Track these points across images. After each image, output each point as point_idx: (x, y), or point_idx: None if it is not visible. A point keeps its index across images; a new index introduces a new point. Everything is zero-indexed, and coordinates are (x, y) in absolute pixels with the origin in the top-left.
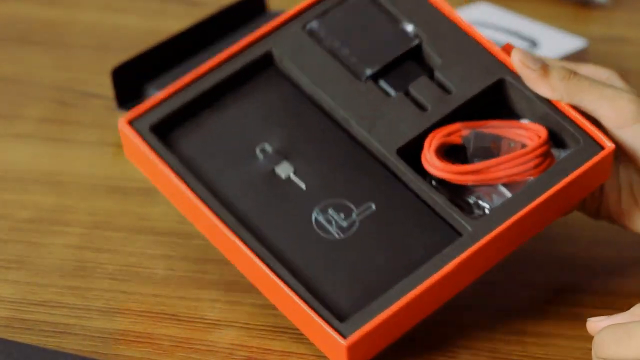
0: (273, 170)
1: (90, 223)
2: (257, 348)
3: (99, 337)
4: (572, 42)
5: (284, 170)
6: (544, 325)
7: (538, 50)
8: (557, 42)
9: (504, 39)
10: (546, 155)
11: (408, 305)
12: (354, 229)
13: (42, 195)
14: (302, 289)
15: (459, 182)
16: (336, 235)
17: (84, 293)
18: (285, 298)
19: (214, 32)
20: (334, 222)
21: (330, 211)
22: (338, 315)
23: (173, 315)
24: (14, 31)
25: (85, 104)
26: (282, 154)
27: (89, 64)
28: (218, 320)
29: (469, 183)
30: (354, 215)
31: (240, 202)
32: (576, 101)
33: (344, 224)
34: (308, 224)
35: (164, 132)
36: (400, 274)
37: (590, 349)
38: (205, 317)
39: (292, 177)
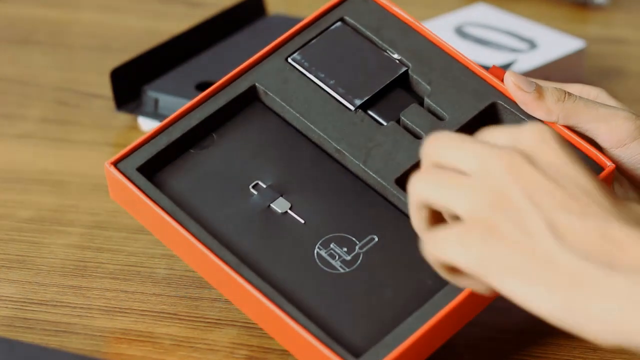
0: (269, 207)
1: (91, 222)
2: (257, 347)
3: (100, 336)
4: (570, 43)
5: (281, 206)
6: (543, 323)
7: (537, 51)
8: (555, 43)
9: (503, 40)
10: None
11: (423, 337)
12: (359, 262)
13: (43, 195)
14: (312, 326)
15: None
16: (340, 270)
17: (85, 292)
18: (295, 336)
19: (212, 34)
20: (337, 256)
21: (333, 245)
22: (353, 351)
23: (174, 314)
24: (15, 32)
25: (86, 104)
26: (277, 190)
27: (90, 65)
28: (219, 319)
29: None
30: (357, 248)
31: (238, 240)
32: (572, 122)
33: (348, 257)
34: (310, 259)
35: (152, 173)
36: (412, 305)
37: (590, 348)
38: (206, 316)
39: (290, 212)
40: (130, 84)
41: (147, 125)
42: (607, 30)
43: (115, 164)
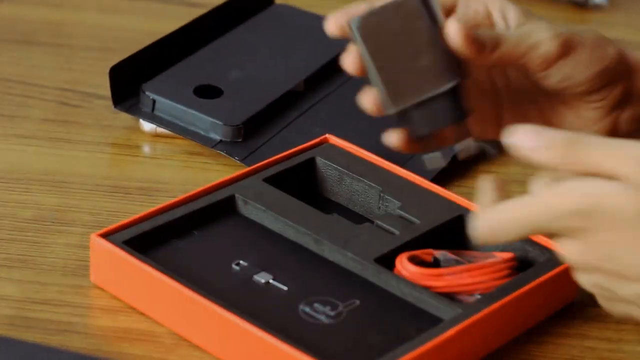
0: (252, 279)
1: (92, 222)
2: None
3: (101, 335)
4: None
5: (263, 277)
6: (541, 323)
7: None
8: None
9: None
10: (513, 269)
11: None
12: (343, 316)
13: (45, 194)
14: (309, 351)
15: (429, 286)
16: (326, 321)
17: (87, 292)
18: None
19: (215, 27)
20: (321, 312)
21: (317, 305)
22: None
23: None
24: (17, 32)
25: (87, 105)
26: (259, 267)
27: (91, 65)
28: None
29: (438, 289)
30: (340, 307)
31: (223, 303)
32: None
33: (332, 313)
34: (295, 315)
35: (136, 249)
36: (400, 345)
37: (590, 347)
38: None
39: (272, 282)
40: (129, 81)
41: (149, 125)
42: (606, 31)
43: (102, 237)
